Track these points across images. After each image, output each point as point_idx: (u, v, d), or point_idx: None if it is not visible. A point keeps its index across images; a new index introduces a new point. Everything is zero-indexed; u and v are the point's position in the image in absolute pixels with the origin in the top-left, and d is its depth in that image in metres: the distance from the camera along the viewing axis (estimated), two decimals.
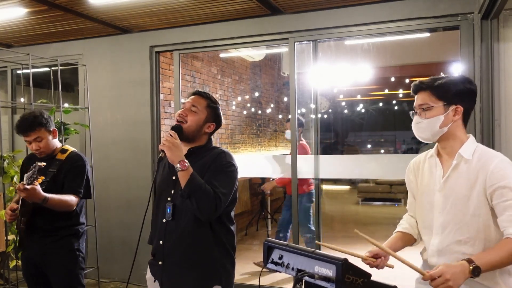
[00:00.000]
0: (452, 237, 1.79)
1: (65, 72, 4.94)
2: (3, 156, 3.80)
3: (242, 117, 8.04)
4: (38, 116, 2.78)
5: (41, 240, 2.79)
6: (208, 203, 1.96)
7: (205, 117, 2.15)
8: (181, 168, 1.96)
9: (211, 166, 2.06)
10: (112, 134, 4.93)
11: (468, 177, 1.77)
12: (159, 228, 2.13)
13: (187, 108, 2.14)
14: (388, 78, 8.54)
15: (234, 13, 4.24)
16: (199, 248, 2.05)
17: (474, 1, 3.61)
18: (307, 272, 1.40)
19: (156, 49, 4.83)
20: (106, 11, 4.17)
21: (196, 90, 2.23)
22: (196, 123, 2.12)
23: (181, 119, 2.11)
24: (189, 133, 2.11)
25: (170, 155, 1.98)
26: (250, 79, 8.43)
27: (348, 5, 4.01)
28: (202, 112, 2.14)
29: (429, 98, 1.80)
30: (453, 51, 4.32)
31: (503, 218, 1.68)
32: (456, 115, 1.81)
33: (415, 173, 1.99)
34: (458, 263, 1.60)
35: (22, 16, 4.17)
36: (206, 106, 2.16)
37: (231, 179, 2.09)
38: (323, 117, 9.83)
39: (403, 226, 2.03)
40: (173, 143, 1.99)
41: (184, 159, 1.97)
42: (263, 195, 7.52)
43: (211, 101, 2.19)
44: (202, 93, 2.20)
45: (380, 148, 12.74)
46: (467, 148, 1.81)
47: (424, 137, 1.86)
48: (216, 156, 2.09)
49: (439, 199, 1.83)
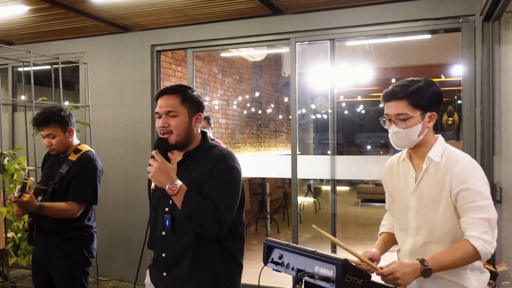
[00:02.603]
0: (424, 238, 1.83)
1: (66, 70, 4.94)
2: (3, 154, 3.80)
3: (242, 117, 8.04)
4: (55, 112, 2.73)
5: (45, 242, 2.78)
6: (211, 222, 1.81)
7: (187, 114, 1.92)
8: (171, 193, 1.80)
9: (212, 173, 1.87)
10: (112, 132, 4.93)
11: (437, 180, 1.80)
12: (159, 240, 1.99)
13: (164, 116, 1.90)
14: (388, 80, 8.53)
15: (235, 13, 4.24)
16: (204, 261, 1.92)
17: (476, 3, 3.61)
18: (307, 272, 1.40)
19: (157, 48, 4.83)
20: (108, 10, 4.17)
21: (160, 90, 1.96)
22: (183, 126, 1.90)
23: (165, 131, 1.89)
24: (180, 141, 1.91)
25: (157, 182, 1.82)
26: (251, 79, 8.43)
27: (349, 6, 4.02)
28: (181, 111, 1.90)
29: (406, 107, 1.78)
30: (454, 53, 4.33)
31: (464, 220, 1.72)
32: (431, 122, 1.83)
33: (390, 175, 2.01)
34: (412, 263, 1.66)
35: (23, 13, 4.17)
36: (182, 102, 1.91)
37: (235, 186, 1.92)
38: (323, 117, 9.83)
39: (387, 226, 2.09)
40: (157, 168, 1.80)
41: (173, 182, 1.80)
42: (262, 195, 7.53)
43: (182, 92, 1.94)
44: (168, 90, 1.94)
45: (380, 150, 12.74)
46: (435, 150, 1.83)
47: (401, 145, 1.86)
48: (217, 160, 1.90)
49: (413, 202, 1.86)
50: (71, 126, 2.82)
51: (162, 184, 1.81)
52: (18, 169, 3.73)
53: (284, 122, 10.12)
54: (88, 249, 2.85)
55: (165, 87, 1.96)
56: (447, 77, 7.41)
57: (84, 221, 2.83)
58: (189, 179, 1.87)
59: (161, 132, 1.91)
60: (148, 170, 1.83)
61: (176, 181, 1.81)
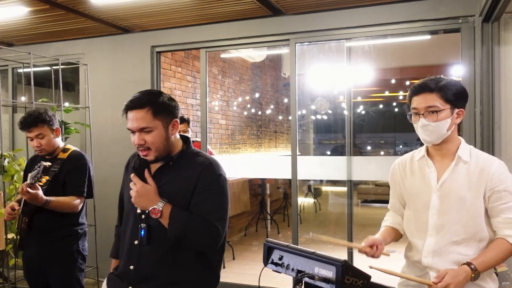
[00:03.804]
0: (448, 238, 1.81)
1: (65, 71, 4.95)
2: (3, 155, 3.80)
3: (242, 118, 8.04)
4: (42, 113, 2.81)
5: (40, 240, 2.80)
6: (204, 239, 1.75)
7: (162, 126, 1.78)
8: (154, 217, 1.73)
9: (198, 184, 1.78)
10: (112, 133, 4.94)
11: (469, 179, 1.79)
12: (128, 249, 1.85)
13: (139, 133, 1.78)
14: (388, 80, 8.55)
15: (235, 14, 4.24)
16: (178, 272, 1.81)
17: (475, 4, 3.62)
18: (307, 273, 1.40)
19: (157, 49, 4.83)
20: (108, 11, 4.17)
21: (127, 104, 1.81)
22: (160, 140, 1.78)
23: (143, 149, 1.79)
24: (160, 155, 1.80)
25: (140, 207, 1.77)
26: (251, 79, 8.43)
27: (349, 7, 4.02)
28: (156, 125, 1.77)
29: (437, 100, 1.77)
30: (454, 54, 4.33)
31: (498, 220, 1.74)
32: (458, 118, 1.83)
33: (402, 174, 1.99)
34: (462, 271, 1.68)
35: (23, 15, 4.17)
36: (154, 115, 1.76)
37: (224, 197, 1.83)
38: (323, 118, 9.83)
39: (390, 221, 2.06)
40: (137, 193, 1.75)
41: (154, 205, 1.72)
42: (262, 196, 7.53)
43: (152, 103, 1.78)
44: (137, 104, 1.78)
45: (380, 150, 12.75)
46: (463, 149, 1.83)
47: (430, 140, 1.83)
48: (203, 169, 1.80)
49: (435, 200, 1.84)
50: (57, 126, 2.90)
51: (144, 208, 1.75)
52: (19, 170, 3.74)
53: (284, 123, 10.12)
54: (83, 246, 2.92)
55: (133, 99, 1.80)
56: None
57: (78, 218, 2.90)
58: (172, 187, 1.80)
59: (138, 149, 1.81)
60: (130, 195, 1.78)
61: (158, 203, 1.73)
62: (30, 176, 2.57)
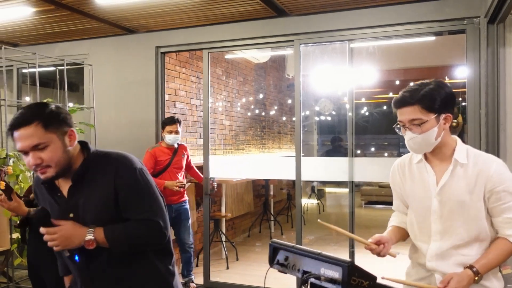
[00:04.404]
0: (451, 242, 1.80)
1: (70, 72, 4.96)
2: (8, 155, 3.82)
3: (246, 119, 8.04)
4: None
5: (40, 240, 2.80)
6: (149, 238, 1.69)
7: (57, 138, 1.61)
8: (92, 247, 1.61)
9: (118, 187, 1.64)
10: (116, 134, 4.95)
11: (467, 182, 1.77)
12: (77, 273, 1.77)
13: (32, 153, 1.57)
14: (392, 81, 8.53)
15: (240, 14, 4.25)
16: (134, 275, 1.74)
17: (480, 5, 3.61)
18: (313, 274, 1.40)
19: (162, 49, 4.84)
20: (113, 12, 4.18)
21: (11, 124, 1.58)
22: (59, 154, 1.60)
23: (41, 168, 1.59)
24: (62, 170, 1.63)
25: (71, 247, 1.62)
26: (255, 80, 8.43)
27: (354, 8, 4.02)
28: (50, 139, 1.58)
29: (419, 112, 1.74)
30: (459, 55, 4.32)
31: (499, 220, 1.75)
32: (446, 123, 1.80)
33: (402, 177, 1.98)
34: (465, 274, 1.70)
35: (29, 15, 4.19)
36: (45, 129, 1.57)
37: (149, 187, 1.71)
38: (326, 119, 9.83)
39: (396, 221, 2.05)
40: (60, 238, 1.59)
41: (85, 237, 1.59)
42: (266, 197, 7.52)
43: (40, 116, 1.58)
44: (23, 121, 1.56)
45: (384, 152, 12.73)
46: (459, 152, 1.81)
47: (419, 151, 1.83)
48: (116, 169, 1.66)
49: (435, 205, 1.82)
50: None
51: (77, 246, 1.61)
52: (24, 170, 3.75)
53: (288, 123, 10.11)
54: None
55: (16, 117, 1.58)
56: (451, 79, 7.39)
57: None
58: (93, 202, 1.66)
59: (36, 170, 1.61)
60: (51, 245, 1.62)
61: (87, 233, 1.60)
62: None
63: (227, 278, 4.97)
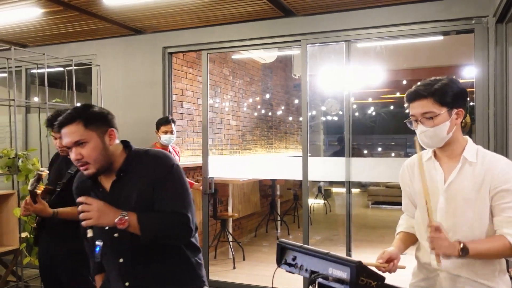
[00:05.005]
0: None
1: (78, 72, 4.99)
2: (17, 155, 3.85)
3: (253, 119, 8.05)
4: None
5: (52, 240, 2.82)
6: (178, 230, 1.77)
7: (97, 136, 1.76)
8: (122, 227, 1.68)
9: (156, 181, 1.77)
10: (124, 133, 4.89)
11: (474, 180, 1.77)
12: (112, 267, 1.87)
13: (74, 149, 1.73)
14: (400, 81, 8.50)
15: (247, 15, 4.25)
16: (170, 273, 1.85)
17: (488, 5, 3.59)
18: (320, 274, 1.40)
19: (169, 50, 4.86)
20: (120, 12, 4.21)
21: (58, 123, 1.76)
22: (97, 152, 1.75)
23: (81, 164, 1.74)
24: (101, 167, 1.76)
25: (104, 224, 1.70)
26: (261, 80, 8.44)
27: (361, 8, 4.01)
28: (89, 136, 1.74)
29: (432, 105, 1.76)
30: (467, 55, 4.30)
31: (500, 219, 1.74)
32: (458, 119, 1.81)
33: (411, 176, 1.98)
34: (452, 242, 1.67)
35: (37, 16, 4.22)
36: (85, 126, 1.74)
37: (183, 183, 1.82)
38: (333, 119, 9.80)
39: (404, 226, 2.05)
40: (96, 211, 1.67)
41: (119, 216, 1.67)
42: (273, 197, 7.52)
43: (81, 115, 1.76)
44: (66, 120, 1.74)
45: (391, 152, 12.68)
46: (469, 150, 1.81)
47: (432, 144, 1.83)
48: (155, 165, 1.81)
49: (441, 202, 1.83)
50: None
51: (110, 222, 1.68)
52: (32, 170, 3.78)
53: (295, 124, 10.11)
54: None
55: (63, 117, 1.76)
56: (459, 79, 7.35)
57: None
58: (134, 196, 1.78)
59: (77, 165, 1.76)
60: (85, 217, 1.68)
61: (121, 214, 1.68)
62: (30, 183, 2.57)
63: (234, 278, 4.97)
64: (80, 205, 1.70)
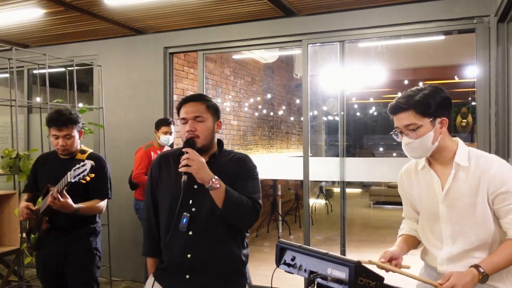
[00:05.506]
0: (461, 246, 1.79)
1: (79, 72, 5.00)
2: (19, 155, 3.86)
3: (254, 119, 8.05)
4: (74, 114, 2.83)
5: (60, 239, 2.81)
6: (251, 214, 1.96)
7: (212, 120, 2.02)
8: (214, 187, 1.86)
9: (239, 174, 2.02)
10: (126, 134, 4.98)
11: (470, 185, 1.77)
12: (178, 239, 1.98)
13: (191, 121, 1.98)
14: (401, 81, 8.48)
15: (248, 15, 4.25)
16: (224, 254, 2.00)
17: (490, 4, 3.58)
18: (319, 274, 1.40)
19: (170, 50, 4.86)
20: (122, 13, 4.21)
21: (184, 98, 2.06)
22: (208, 131, 2.00)
23: (192, 135, 1.97)
24: (206, 145, 2.00)
25: (200, 176, 1.86)
26: (263, 80, 8.43)
27: (362, 8, 4.00)
28: (207, 116, 2.00)
29: (414, 117, 1.76)
30: (468, 54, 4.29)
31: (506, 221, 1.73)
32: (443, 127, 1.80)
33: (409, 184, 1.98)
34: (468, 272, 1.66)
35: (39, 17, 4.23)
36: (207, 108, 2.01)
37: (259, 182, 2.09)
38: (334, 119, 9.79)
39: (406, 229, 2.04)
40: (199, 162, 1.86)
41: (214, 176, 1.87)
42: (274, 197, 7.52)
43: (206, 99, 2.05)
44: (193, 97, 2.05)
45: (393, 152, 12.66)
46: (460, 155, 1.80)
47: (417, 156, 1.83)
48: (242, 163, 2.06)
49: (443, 210, 1.82)
50: (81, 128, 2.93)
51: (203, 179, 1.86)
52: None
53: (296, 123, 10.10)
54: (99, 244, 2.96)
55: (189, 95, 2.06)
56: (461, 79, 7.33)
57: (95, 216, 2.95)
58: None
59: (187, 136, 1.97)
60: (186, 163, 1.85)
61: (215, 177, 1.88)
62: (71, 176, 2.45)
63: None
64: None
